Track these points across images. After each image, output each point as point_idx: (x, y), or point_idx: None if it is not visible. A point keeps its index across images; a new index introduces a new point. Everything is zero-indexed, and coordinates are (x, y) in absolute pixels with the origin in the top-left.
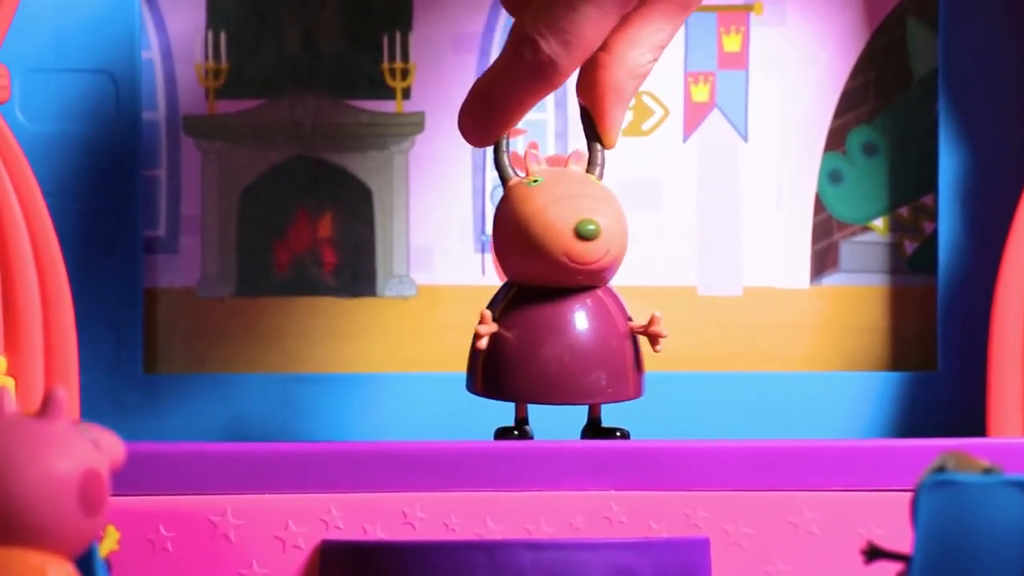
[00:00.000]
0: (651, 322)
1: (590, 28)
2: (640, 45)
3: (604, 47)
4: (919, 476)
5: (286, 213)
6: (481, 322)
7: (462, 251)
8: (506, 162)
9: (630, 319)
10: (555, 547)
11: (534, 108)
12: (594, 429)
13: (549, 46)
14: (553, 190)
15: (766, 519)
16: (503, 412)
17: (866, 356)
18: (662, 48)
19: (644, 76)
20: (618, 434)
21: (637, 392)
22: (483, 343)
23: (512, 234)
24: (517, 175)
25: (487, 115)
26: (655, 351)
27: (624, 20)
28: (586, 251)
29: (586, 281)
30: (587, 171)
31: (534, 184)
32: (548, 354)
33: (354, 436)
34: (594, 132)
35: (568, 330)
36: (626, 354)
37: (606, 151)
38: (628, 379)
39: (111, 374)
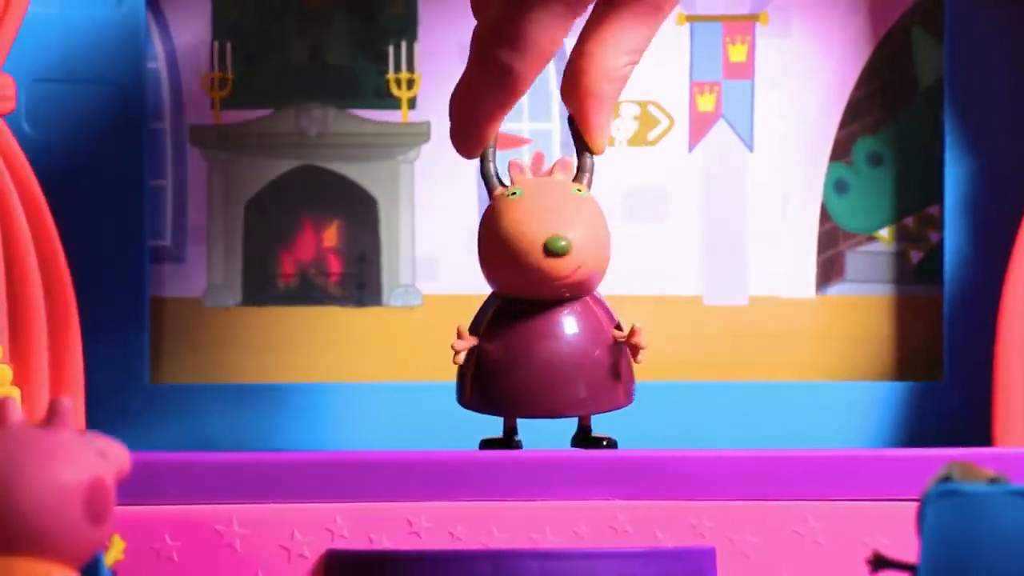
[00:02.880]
0: (632, 333)
1: (540, 32)
2: (614, 47)
3: (581, 52)
4: (925, 486)
5: (292, 223)
6: (458, 337)
7: (467, 261)
8: (491, 171)
9: (619, 327)
10: (561, 556)
11: (540, 119)
12: (584, 437)
13: (503, 53)
14: (529, 203)
15: (772, 528)
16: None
17: (872, 366)
18: (639, 51)
19: (623, 79)
20: (604, 443)
21: (625, 400)
22: (460, 358)
23: (490, 246)
24: (504, 185)
25: (461, 127)
26: (636, 362)
27: (599, 23)
28: (556, 267)
29: (565, 293)
30: (576, 179)
31: (512, 196)
32: (529, 367)
33: (359, 445)
34: (581, 139)
35: (548, 342)
36: (609, 363)
37: (595, 157)
38: (612, 388)
39: (117, 383)
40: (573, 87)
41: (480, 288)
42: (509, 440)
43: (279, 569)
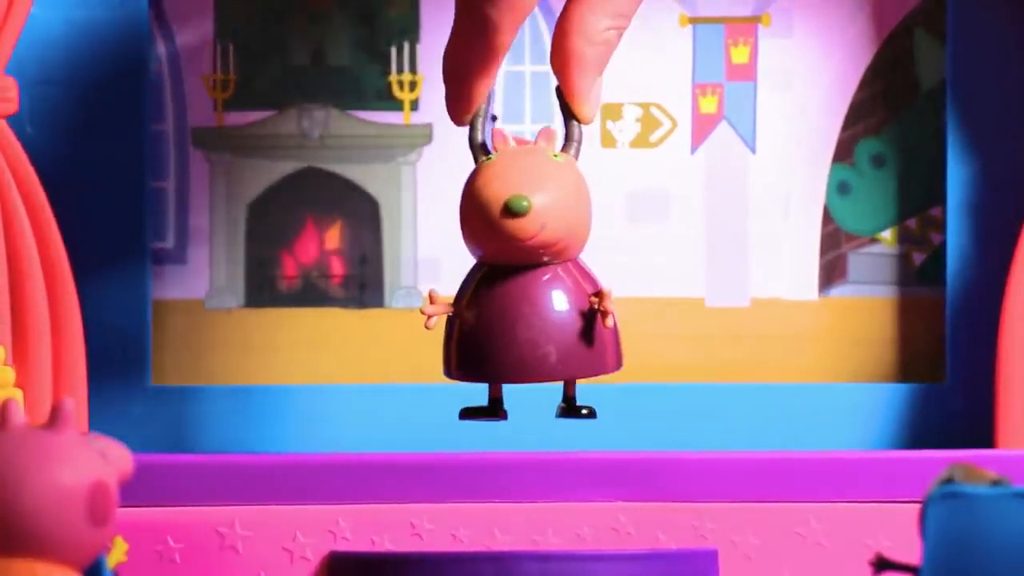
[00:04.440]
0: (599, 297)
1: None
2: (595, 10)
3: (564, 15)
4: (927, 488)
5: (294, 225)
6: (430, 302)
7: (469, 262)
8: (477, 140)
9: (598, 294)
10: (563, 558)
11: (543, 121)
12: (566, 407)
13: (483, 4)
14: (499, 166)
15: (774, 530)
16: (510, 418)
17: (874, 367)
18: (624, 16)
19: (607, 44)
20: (584, 412)
21: (613, 366)
22: (432, 323)
23: (462, 211)
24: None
25: (449, 87)
26: (604, 327)
27: None
28: (517, 227)
29: (540, 256)
30: (563, 149)
31: (487, 161)
32: (502, 331)
33: (361, 447)
34: (568, 107)
35: (521, 306)
36: (587, 329)
37: (583, 126)
38: (591, 354)
39: (119, 385)
40: (556, 50)
41: None
42: (495, 410)
43: (281, 571)
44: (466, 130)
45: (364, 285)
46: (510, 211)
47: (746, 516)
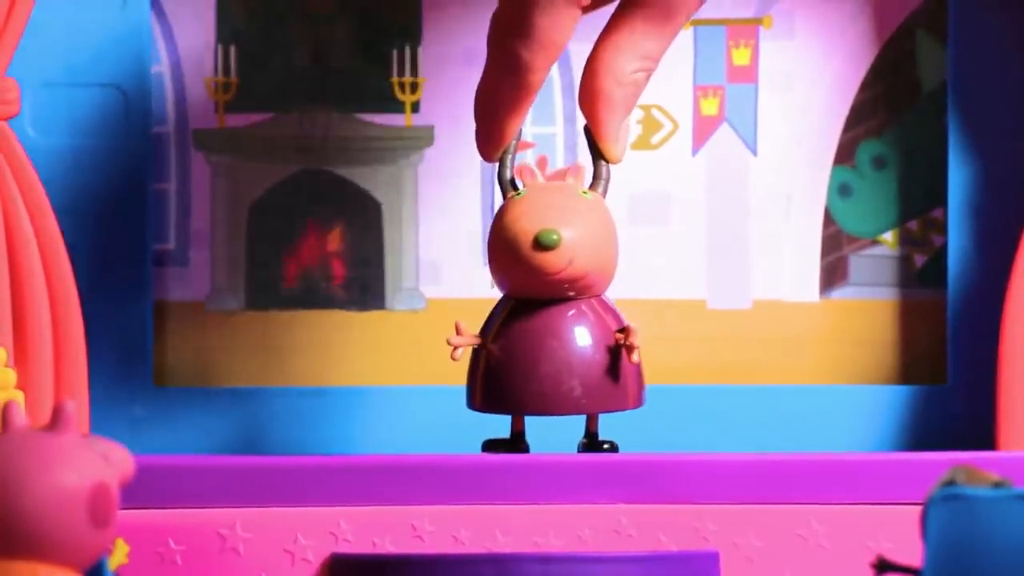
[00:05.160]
0: (625, 333)
1: (547, 21)
2: (625, 52)
3: (593, 56)
4: (929, 490)
5: (295, 227)
6: (457, 333)
7: (471, 264)
8: (506, 177)
9: (622, 330)
10: (564, 560)
11: (544, 123)
12: (588, 442)
13: (514, 43)
14: (529, 201)
15: (776, 532)
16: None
17: (875, 369)
18: (652, 59)
19: (635, 85)
20: (605, 447)
21: (633, 403)
22: (458, 354)
23: (491, 244)
24: (516, 190)
25: (481, 124)
26: (629, 362)
27: (611, 29)
28: (546, 260)
29: (562, 292)
30: (591, 187)
31: (517, 196)
32: (527, 364)
33: (363, 449)
34: (596, 147)
35: (547, 340)
36: (611, 365)
37: (611, 165)
38: (614, 390)
39: (120, 387)
40: (585, 91)
41: (483, 291)
42: (516, 442)
43: (283, 573)
44: (467, 132)
45: (365, 287)
46: (540, 245)
47: (748, 518)
